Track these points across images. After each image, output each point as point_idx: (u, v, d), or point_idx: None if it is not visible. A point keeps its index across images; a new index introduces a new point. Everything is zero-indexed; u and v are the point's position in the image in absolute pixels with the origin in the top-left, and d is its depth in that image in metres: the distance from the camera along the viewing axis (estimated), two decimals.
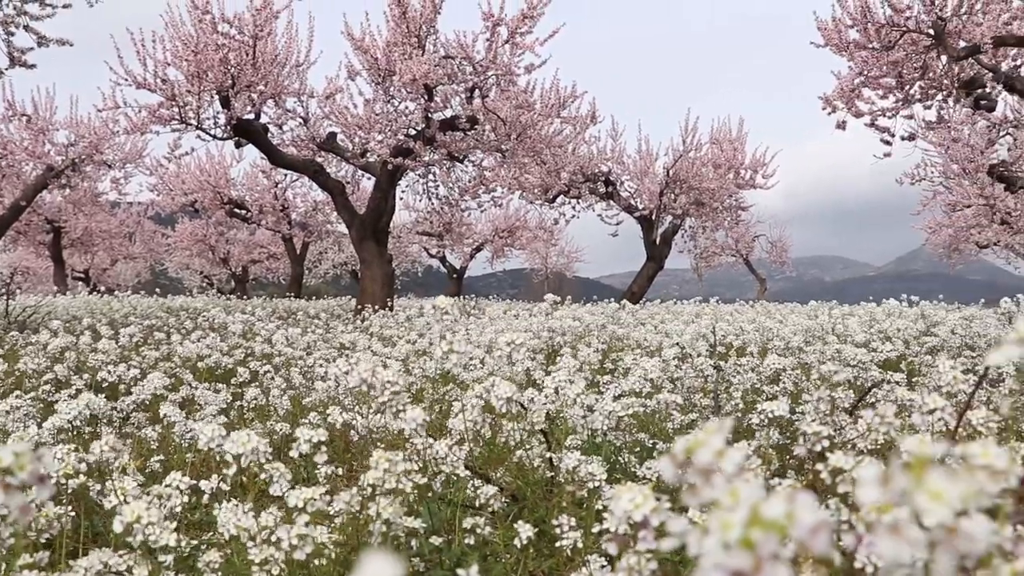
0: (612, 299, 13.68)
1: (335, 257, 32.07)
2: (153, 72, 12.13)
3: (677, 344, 4.96)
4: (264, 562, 1.40)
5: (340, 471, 2.49)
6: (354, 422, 2.45)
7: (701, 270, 28.03)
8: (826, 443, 1.65)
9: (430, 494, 1.99)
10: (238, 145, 13.77)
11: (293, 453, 1.68)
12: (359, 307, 13.53)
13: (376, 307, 12.35)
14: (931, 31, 9.41)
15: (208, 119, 12.82)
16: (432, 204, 16.19)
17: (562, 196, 19.07)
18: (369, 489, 1.55)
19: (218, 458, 1.61)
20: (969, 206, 21.03)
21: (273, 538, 1.35)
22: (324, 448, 1.72)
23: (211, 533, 2.07)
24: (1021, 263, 27.55)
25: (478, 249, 29.62)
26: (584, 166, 18.39)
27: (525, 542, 1.70)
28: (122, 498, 1.72)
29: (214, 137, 13.03)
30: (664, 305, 13.78)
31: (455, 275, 29.33)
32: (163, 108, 12.28)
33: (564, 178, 17.76)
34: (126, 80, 12.15)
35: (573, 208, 19.53)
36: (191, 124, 12.62)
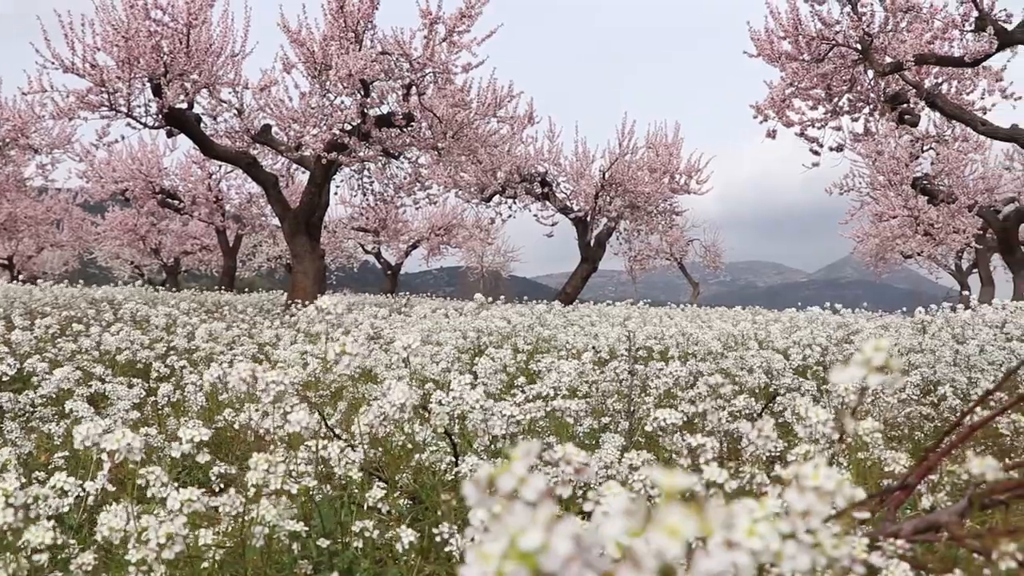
0: (545, 299, 13.75)
1: (270, 251, 31.67)
2: (82, 57, 11.88)
3: (593, 348, 5.00)
4: (140, 563, 1.38)
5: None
6: (256, 422, 2.43)
7: (635, 273, 28.27)
8: (710, 455, 1.69)
9: (320, 496, 1.99)
10: (170, 134, 13.54)
11: (175, 453, 1.67)
12: (289, 302, 13.41)
13: (307, 302, 12.24)
14: (858, 46, 9.60)
15: (139, 107, 12.61)
16: (367, 200, 16.12)
17: (498, 196, 19.08)
18: (253, 490, 1.55)
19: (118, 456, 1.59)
20: (894, 217, 21.51)
21: (144, 538, 1.34)
22: (206, 447, 1.70)
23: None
24: (942, 273, 28.30)
25: (414, 246, 29.51)
26: (520, 166, 18.43)
27: (407, 546, 1.71)
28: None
29: (145, 125, 12.81)
30: (596, 307, 13.85)
31: (390, 271, 29.18)
32: (92, 94, 12.03)
33: (500, 178, 17.78)
34: (53, 64, 11.88)
35: (509, 208, 19.56)
36: (121, 111, 12.39)
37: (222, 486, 2.32)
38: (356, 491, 2.13)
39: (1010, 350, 5.62)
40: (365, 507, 1.97)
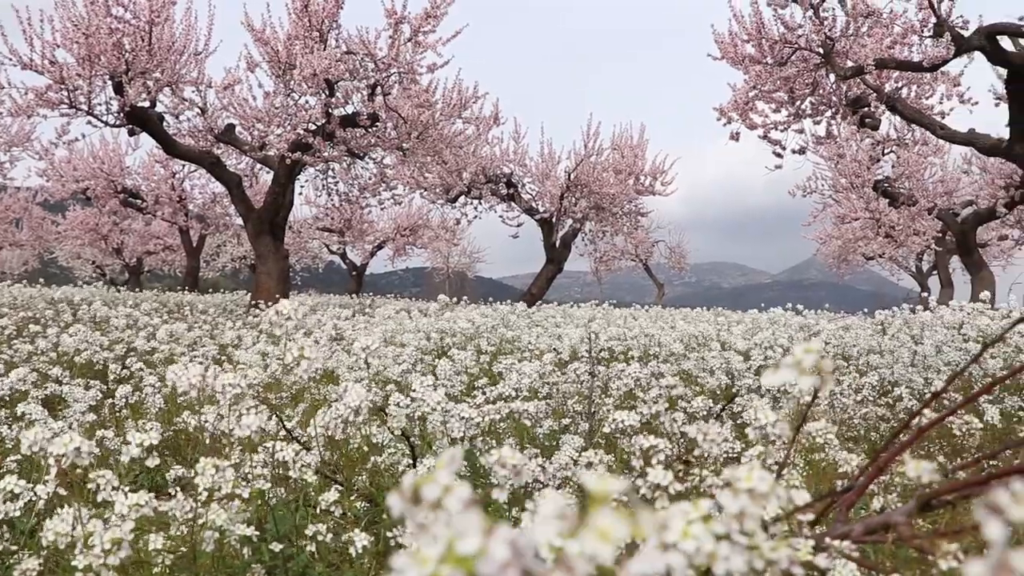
0: (510, 300, 13.76)
1: (234, 251, 31.39)
2: (41, 53, 11.71)
3: (554, 350, 5.01)
4: (87, 569, 1.37)
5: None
6: (213, 424, 2.41)
7: (601, 274, 28.38)
8: (662, 456, 1.69)
9: (274, 500, 1.98)
10: (132, 133, 13.41)
11: (123, 458, 1.66)
12: (253, 303, 13.33)
13: (270, 303, 12.13)
14: (820, 50, 9.70)
15: (100, 105, 12.46)
16: (332, 200, 16.06)
17: (463, 196, 19.07)
18: (205, 494, 1.54)
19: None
20: (856, 219, 21.72)
21: (90, 543, 1.32)
22: (165, 451, 1.68)
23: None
24: (903, 275, 28.65)
25: (379, 247, 29.40)
26: (486, 167, 18.43)
27: (361, 550, 1.71)
28: None
29: (106, 124, 12.66)
30: (561, 308, 13.88)
31: (355, 272, 29.07)
32: (51, 91, 11.88)
33: (465, 178, 17.78)
34: (11, 60, 11.71)
35: (475, 209, 19.56)
36: (81, 109, 12.24)
37: (178, 490, 2.30)
38: (313, 494, 2.12)
39: (966, 351, 5.70)
40: (319, 510, 1.97)
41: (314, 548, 1.80)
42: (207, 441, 2.14)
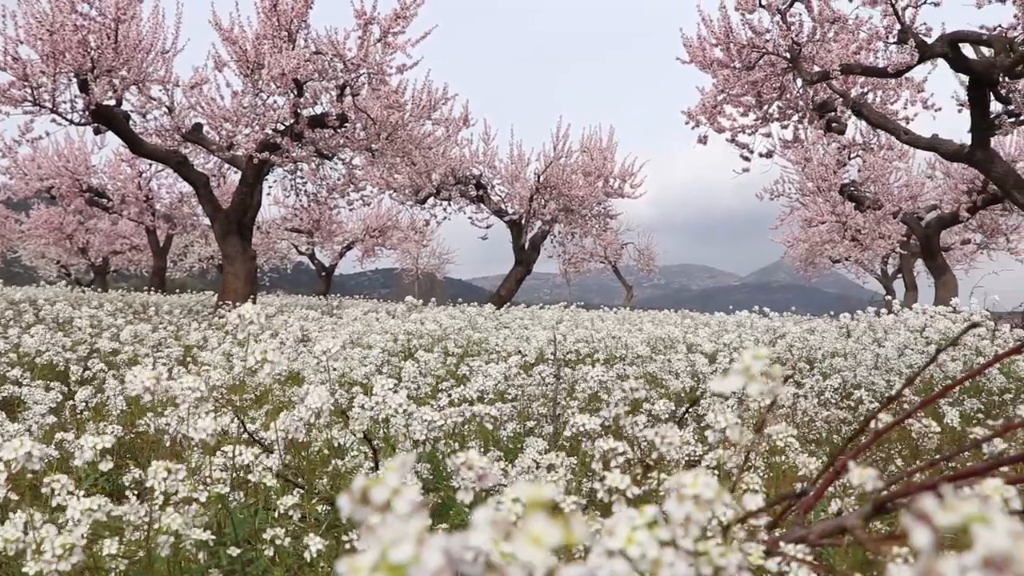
0: (478, 302, 13.75)
1: (202, 251, 31.16)
2: (3, 50, 11.56)
3: (519, 352, 5.01)
4: (38, 575, 1.36)
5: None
6: (174, 427, 2.39)
7: (570, 275, 28.44)
8: (621, 460, 1.70)
9: (234, 503, 1.96)
10: (97, 132, 13.29)
11: (77, 461, 1.64)
12: (219, 304, 13.24)
13: (237, 304, 12.05)
14: (787, 55, 9.77)
15: (65, 103, 12.32)
16: (300, 201, 15.98)
17: (433, 198, 19.04)
18: (161, 498, 1.52)
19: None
20: (823, 222, 21.90)
21: (41, 549, 1.31)
22: (112, 455, 1.67)
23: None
24: (869, 278, 28.95)
25: (348, 247, 29.29)
26: (455, 168, 18.41)
27: (316, 554, 1.70)
28: None
29: (71, 122, 12.52)
30: (529, 310, 13.89)
31: (324, 273, 28.94)
32: (14, 88, 11.73)
33: (435, 180, 17.75)
34: None
35: (444, 210, 19.52)
36: (45, 107, 12.10)
37: (134, 494, 2.28)
38: (274, 497, 2.11)
39: (928, 354, 5.76)
40: (277, 514, 1.96)
41: (272, 552, 1.79)
42: (167, 444, 2.12)
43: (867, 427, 2.29)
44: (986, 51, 9.16)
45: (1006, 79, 9.09)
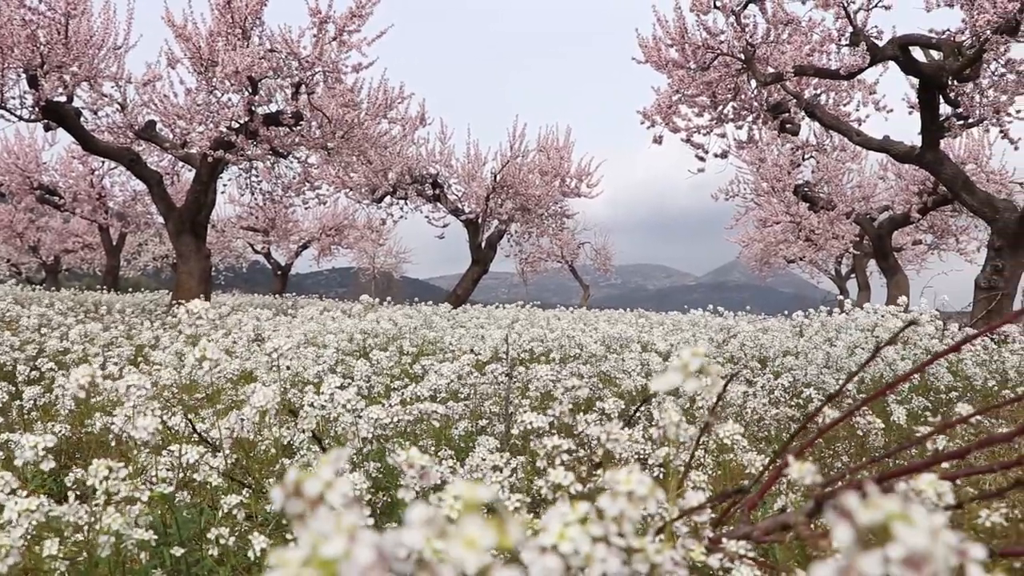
0: (433, 301, 13.73)
1: (156, 249, 30.80)
2: None
3: (472, 351, 5.01)
4: None
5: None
6: (120, 427, 2.36)
7: (527, 275, 28.49)
8: (566, 457, 1.71)
9: (181, 503, 1.95)
10: (47, 128, 13.07)
11: (17, 461, 1.61)
12: (173, 303, 13.09)
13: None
14: (742, 56, 9.86)
15: (13, 99, 12.11)
16: (255, 199, 15.85)
17: (389, 197, 18.97)
18: (102, 498, 1.50)
19: None
20: (777, 223, 22.12)
21: None
22: (53, 455, 1.64)
23: None
24: (823, 278, 29.32)
25: (304, 246, 29.09)
26: (412, 167, 18.36)
27: (259, 553, 1.69)
28: None
29: (20, 118, 12.30)
30: (486, 309, 13.89)
31: (280, 272, 28.71)
32: None
33: (391, 179, 17.68)
34: None
35: (401, 209, 19.46)
36: None
37: (75, 494, 2.25)
38: (222, 496, 2.09)
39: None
40: (222, 514, 1.94)
41: (218, 552, 1.78)
42: (113, 444, 2.10)
43: (810, 424, 2.32)
44: (935, 54, 9.32)
45: (955, 82, 9.25)
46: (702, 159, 11.52)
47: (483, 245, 19.28)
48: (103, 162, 20.40)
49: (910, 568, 0.54)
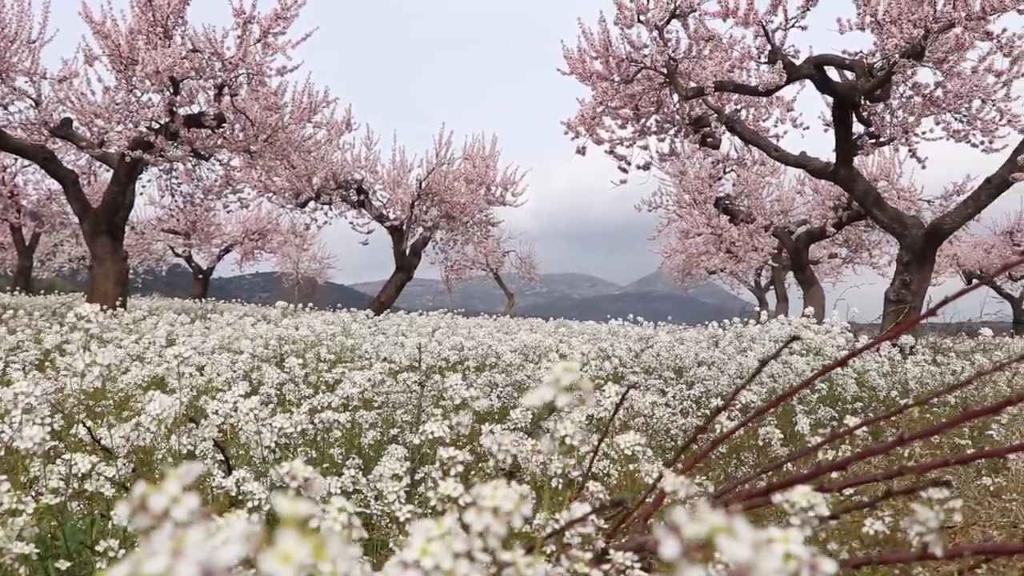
0: (355, 307, 13.63)
1: (72, 250, 30.02)
2: None
3: (385, 359, 4.99)
4: None
5: None
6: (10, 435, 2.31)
7: (452, 282, 28.46)
8: (460, 468, 1.71)
9: (73, 514, 1.90)
10: None
11: None
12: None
13: (107, 306, 11.66)
14: (664, 70, 10.01)
15: None
16: (175, 201, 15.57)
17: (313, 202, 18.80)
18: None
19: None
20: (699, 234, 22.46)
21: None
22: None
23: None
24: (743, 289, 29.86)
25: (227, 250, 28.65)
26: (336, 172, 18.21)
27: None
28: None
29: None
30: (408, 316, 13.85)
31: (201, 276, 28.23)
32: None
33: (315, 183, 17.52)
34: None
35: (325, 214, 19.29)
36: None
37: None
38: (115, 508, 2.05)
39: (788, 364, 5.96)
40: (112, 525, 1.90)
41: (107, 565, 1.74)
42: (1, 453, 2.05)
43: (703, 433, 2.36)
44: (849, 75, 9.58)
45: (867, 102, 9.51)
46: (625, 171, 11.65)
47: (407, 252, 19.21)
48: (15, 159, 19.84)
49: None
